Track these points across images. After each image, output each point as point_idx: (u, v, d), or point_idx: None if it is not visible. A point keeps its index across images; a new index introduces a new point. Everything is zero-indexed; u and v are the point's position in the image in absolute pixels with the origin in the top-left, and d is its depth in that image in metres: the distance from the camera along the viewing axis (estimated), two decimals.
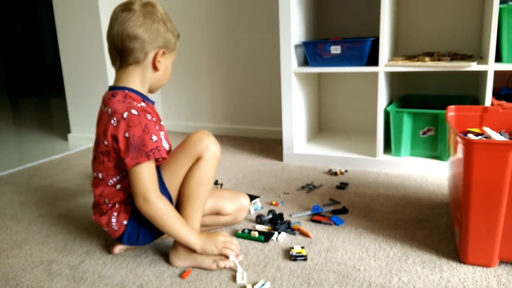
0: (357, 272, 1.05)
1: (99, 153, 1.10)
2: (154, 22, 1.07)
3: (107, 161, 1.08)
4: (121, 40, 1.05)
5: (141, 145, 1.02)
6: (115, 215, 1.11)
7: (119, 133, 1.02)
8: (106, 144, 1.06)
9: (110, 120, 1.04)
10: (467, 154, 0.98)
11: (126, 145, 1.02)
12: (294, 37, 1.88)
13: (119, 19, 1.05)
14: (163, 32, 1.08)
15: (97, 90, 2.39)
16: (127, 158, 1.02)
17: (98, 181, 1.13)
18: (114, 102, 1.06)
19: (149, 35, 1.06)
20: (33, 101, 4.66)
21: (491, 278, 1.00)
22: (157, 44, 1.08)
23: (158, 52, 1.09)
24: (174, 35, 1.12)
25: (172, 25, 1.12)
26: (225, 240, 1.09)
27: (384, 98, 1.80)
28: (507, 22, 1.56)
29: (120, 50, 1.07)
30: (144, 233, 1.12)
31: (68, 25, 2.38)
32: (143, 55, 1.07)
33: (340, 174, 1.77)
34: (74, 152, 2.36)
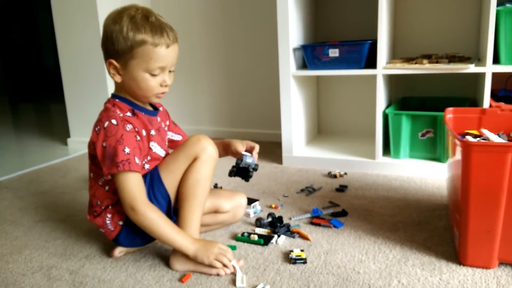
0: (357, 274, 1.05)
1: (89, 154, 1.14)
2: (105, 28, 1.04)
3: (93, 165, 1.13)
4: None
5: (113, 155, 1.02)
6: (109, 217, 1.13)
7: (99, 141, 1.05)
8: (92, 149, 1.10)
9: (95, 127, 1.08)
10: (465, 156, 0.98)
11: (102, 154, 1.04)
12: (293, 40, 1.88)
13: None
14: (110, 39, 1.02)
15: (97, 95, 2.40)
16: (104, 167, 1.04)
17: (90, 181, 1.16)
18: (104, 109, 1.10)
19: (103, 47, 1.06)
20: (32, 106, 4.66)
21: (491, 279, 1.00)
22: (107, 56, 1.06)
23: (107, 63, 1.06)
24: (128, 43, 1.01)
25: (131, 27, 1.00)
26: (219, 252, 1.07)
27: (383, 100, 1.81)
28: (505, 24, 1.56)
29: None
30: (142, 233, 1.11)
31: (68, 31, 2.38)
32: (107, 67, 1.07)
33: (339, 177, 1.77)
34: (74, 157, 2.36)
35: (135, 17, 1.02)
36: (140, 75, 1.04)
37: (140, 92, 1.08)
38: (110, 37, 1.02)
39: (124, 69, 1.05)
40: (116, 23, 1.01)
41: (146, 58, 1.02)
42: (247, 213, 1.42)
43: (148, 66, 1.03)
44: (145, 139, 1.11)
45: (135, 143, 1.06)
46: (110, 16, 1.05)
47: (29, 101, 5.03)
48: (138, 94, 1.09)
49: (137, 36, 1.01)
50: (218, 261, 1.06)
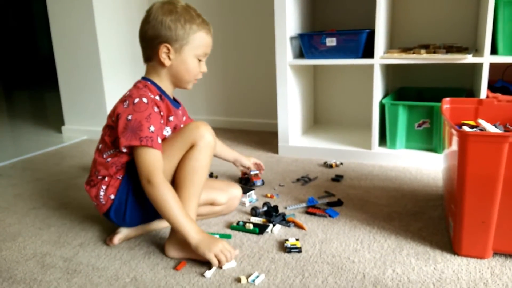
0: (352, 263, 1.05)
1: (105, 126, 1.17)
2: (158, 17, 1.11)
3: (108, 136, 1.14)
4: (139, 41, 1.17)
5: (138, 129, 1.06)
6: (103, 188, 1.14)
7: (124, 113, 1.09)
8: (113, 120, 1.12)
9: (123, 101, 1.12)
10: (462, 146, 0.98)
11: (125, 126, 1.08)
12: (290, 29, 1.87)
13: (142, 25, 1.16)
14: (166, 27, 1.11)
15: (91, 82, 2.37)
16: (122, 137, 1.07)
17: (96, 151, 1.19)
18: (134, 87, 1.16)
19: (152, 32, 1.12)
20: (27, 93, 4.62)
21: (485, 269, 1.00)
22: (160, 40, 1.12)
23: (160, 47, 1.12)
24: (189, 27, 1.12)
25: (189, 16, 1.13)
26: (222, 249, 1.04)
27: (380, 90, 1.80)
28: (503, 14, 1.55)
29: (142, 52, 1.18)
30: (132, 210, 1.14)
31: (62, 17, 2.35)
32: (151, 52, 1.15)
33: (335, 167, 1.77)
34: (68, 144, 2.35)
35: (187, 9, 1.14)
36: (190, 59, 1.15)
37: (186, 75, 1.17)
38: (166, 25, 1.11)
39: (176, 53, 1.14)
40: (171, 13, 1.12)
41: (198, 44, 1.15)
42: (242, 202, 1.41)
43: (198, 52, 1.16)
44: (164, 124, 1.15)
45: (160, 125, 1.11)
46: (161, 6, 1.13)
47: (24, 88, 4.98)
48: (184, 77, 1.18)
49: (194, 25, 1.13)
50: (217, 259, 1.03)
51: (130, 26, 2.52)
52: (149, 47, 1.15)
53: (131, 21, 2.52)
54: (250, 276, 1.01)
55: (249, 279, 1.00)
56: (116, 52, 2.42)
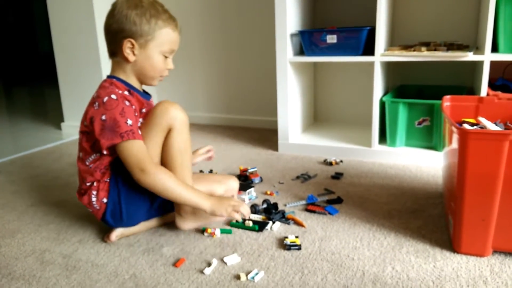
0: (351, 261, 1.05)
1: (80, 132, 1.16)
2: (123, 11, 1.09)
3: (85, 141, 1.13)
4: (104, 35, 1.14)
5: (115, 126, 1.05)
6: (94, 193, 1.13)
7: (97, 115, 1.07)
8: (86, 124, 1.11)
9: (93, 104, 1.10)
10: (462, 144, 0.97)
11: (101, 127, 1.06)
12: (290, 26, 1.86)
13: (107, 18, 1.13)
14: (131, 21, 1.08)
15: (91, 79, 2.37)
16: (102, 139, 1.06)
17: (78, 160, 1.17)
18: (100, 87, 1.13)
19: (116, 26, 1.10)
20: (26, 90, 4.62)
21: (484, 267, 1.00)
22: (124, 34, 1.09)
23: (124, 42, 1.09)
24: (151, 25, 1.09)
25: (155, 11, 1.10)
26: (235, 203, 1.11)
27: (380, 88, 1.79)
28: (504, 12, 1.55)
29: (108, 40, 1.15)
30: (127, 209, 1.13)
31: (61, 14, 2.34)
32: (115, 47, 1.12)
33: (335, 164, 1.76)
34: (67, 141, 2.34)
35: (153, 4, 1.12)
36: (156, 56, 1.13)
37: (151, 72, 1.15)
38: (131, 19, 1.08)
39: (141, 49, 1.11)
40: (137, 7, 1.09)
41: (164, 40, 1.12)
42: (242, 199, 1.41)
43: (164, 48, 1.13)
44: (138, 116, 1.14)
45: (135, 117, 1.10)
46: (127, 1, 1.10)
47: (23, 85, 4.97)
48: (148, 73, 1.15)
49: (160, 20, 1.10)
50: (236, 212, 1.10)
51: None
52: (113, 42, 1.12)
53: None
54: (249, 273, 1.01)
55: (248, 276, 0.99)
56: None
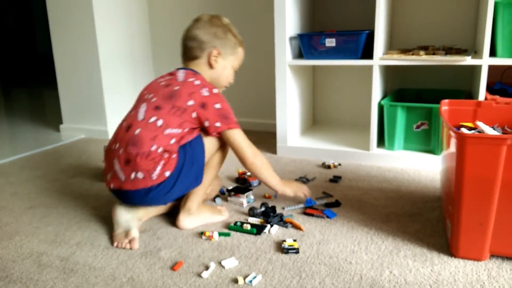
0: (349, 265, 1.05)
1: (171, 105, 1.20)
2: (213, 27, 1.30)
3: (177, 116, 1.19)
4: (184, 40, 1.32)
5: (228, 115, 1.24)
6: (161, 164, 1.16)
7: (211, 102, 1.22)
8: (190, 104, 1.20)
9: (199, 89, 1.22)
10: (460, 148, 0.98)
11: (216, 113, 1.22)
12: (289, 29, 1.87)
13: (189, 25, 1.33)
14: (219, 36, 1.30)
15: (90, 81, 2.37)
16: (217, 123, 1.22)
17: (153, 126, 1.18)
18: (201, 79, 1.27)
19: (207, 37, 1.29)
20: (25, 91, 4.61)
21: (482, 271, 1.00)
22: (213, 44, 1.29)
23: (213, 50, 1.29)
24: (234, 41, 1.33)
25: (234, 33, 1.34)
26: (300, 186, 1.39)
27: (378, 91, 1.80)
28: (502, 16, 1.56)
29: (184, 48, 1.33)
30: (178, 188, 1.19)
31: (61, 15, 2.34)
32: (201, 53, 1.30)
33: (333, 168, 1.77)
34: (66, 143, 2.34)
35: (231, 25, 1.35)
36: (229, 68, 1.35)
37: (223, 81, 1.36)
38: (219, 34, 1.30)
39: (223, 60, 1.32)
40: (221, 26, 1.32)
41: (238, 57, 1.36)
42: (240, 203, 1.41)
43: (235, 63, 1.36)
44: None
45: None
46: (210, 18, 1.32)
47: (22, 86, 4.97)
48: (221, 81, 1.36)
49: (237, 40, 1.35)
50: (300, 192, 1.37)
51: (129, 25, 2.51)
52: (199, 49, 1.30)
53: (130, 20, 2.52)
54: (247, 276, 1.01)
55: (246, 279, 0.99)
56: (115, 51, 2.42)
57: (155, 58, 2.72)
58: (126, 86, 2.51)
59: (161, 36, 2.66)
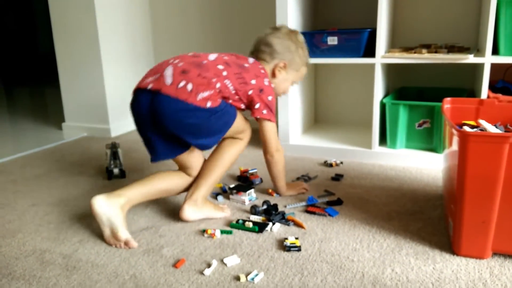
0: (351, 263, 1.05)
1: (239, 72, 1.28)
2: (289, 41, 1.38)
3: (238, 82, 1.27)
4: (258, 43, 1.41)
5: (273, 109, 1.34)
6: (211, 92, 1.19)
7: (266, 92, 1.31)
8: (252, 82, 1.29)
9: (263, 77, 1.33)
10: (462, 146, 0.98)
11: (267, 103, 1.31)
12: (291, 28, 1.86)
13: (267, 31, 1.42)
14: (291, 51, 1.38)
15: (92, 79, 2.37)
16: (263, 110, 1.31)
17: (218, 72, 1.24)
18: (266, 72, 1.36)
19: (280, 47, 1.37)
20: (27, 90, 4.62)
21: (484, 269, 1.00)
22: (283, 57, 1.38)
23: (280, 62, 1.38)
24: (302, 60, 1.41)
25: (304, 52, 1.41)
26: (302, 187, 1.49)
27: (380, 90, 1.79)
28: (505, 14, 1.55)
29: (255, 49, 1.42)
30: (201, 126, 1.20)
31: (62, 14, 2.35)
32: (270, 59, 1.38)
33: (335, 166, 1.77)
34: (68, 141, 2.35)
35: (304, 44, 1.43)
36: (288, 82, 1.44)
37: (280, 90, 1.44)
38: (292, 49, 1.39)
39: (286, 73, 1.41)
40: (299, 42, 1.41)
41: (300, 75, 1.45)
42: (242, 201, 1.41)
43: (296, 79, 1.46)
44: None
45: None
46: (289, 33, 1.41)
47: (24, 85, 4.98)
48: (278, 90, 1.44)
49: (306, 59, 1.43)
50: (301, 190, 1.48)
51: (131, 23, 2.52)
52: (269, 55, 1.38)
53: (133, 18, 2.52)
54: (249, 274, 1.01)
55: (248, 277, 1.00)
56: (117, 49, 2.42)
57: (157, 56, 2.72)
58: (128, 85, 2.50)
59: (162, 34, 2.66)
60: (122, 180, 1.68)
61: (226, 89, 1.23)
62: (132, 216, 1.35)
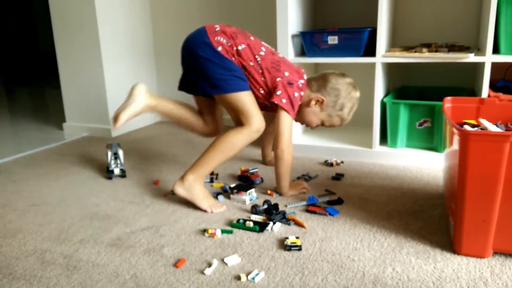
0: (351, 262, 1.05)
1: (278, 59, 1.45)
2: (342, 88, 1.45)
3: (271, 62, 1.42)
4: (320, 74, 1.51)
5: (294, 106, 1.40)
6: (228, 44, 1.38)
7: (293, 88, 1.40)
8: (285, 73, 1.41)
9: (298, 79, 1.44)
10: (463, 145, 0.97)
11: (290, 98, 1.39)
12: (291, 27, 1.86)
13: (335, 71, 1.51)
14: (338, 97, 1.45)
15: (93, 79, 2.37)
16: (285, 100, 1.38)
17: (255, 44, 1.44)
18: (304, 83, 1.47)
19: (331, 89, 1.46)
20: (28, 90, 4.63)
21: (485, 268, 1.00)
22: (327, 97, 1.45)
23: (318, 97, 1.45)
24: (340, 110, 1.47)
25: (348, 107, 1.47)
26: (302, 186, 1.48)
27: (381, 89, 1.79)
28: (505, 13, 1.55)
29: (313, 76, 1.52)
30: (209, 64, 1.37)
31: (63, 13, 2.35)
32: (316, 89, 1.47)
33: (335, 165, 1.77)
34: (69, 141, 2.35)
35: (354, 97, 1.49)
36: (317, 118, 1.50)
37: (306, 118, 1.51)
38: (341, 97, 1.46)
39: (318, 110, 1.48)
40: (350, 95, 1.47)
41: (330, 120, 1.51)
42: (243, 200, 1.41)
43: (325, 121, 1.51)
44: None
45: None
46: (353, 86, 1.49)
47: (25, 85, 4.98)
48: (303, 118, 1.51)
49: (346, 116, 1.50)
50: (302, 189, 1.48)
51: (132, 23, 2.52)
52: (318, 87, 1.47)
53: (133, 18, 2.52)
54: (250, 273, 1.01)
55: (249, 276, 1.00)
56: (118, 49, 2.42)
57: (158, 56, 2.72)
58: (129, 84, 2.50)
59: (163, 34, 2.66)
60: (123, 180, 1.68)
61: (250, 59, 1.38)
62: (133, 216, 1.35)
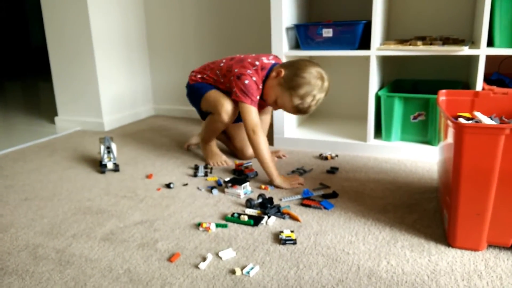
0: (346, 255, 1.05)
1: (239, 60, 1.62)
2: (310, 72, 1.47)
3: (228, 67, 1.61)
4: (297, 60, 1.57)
5: (250, 92, 1.52)
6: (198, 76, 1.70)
7: (243, 78, 1.52)
8: (236, 71, 1.56)
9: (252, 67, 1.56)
10: (457, 138, 0.97)
11: (240, 88, 1.52)
12: (286, 20, 1.85)
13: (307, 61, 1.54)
14: (301, 77, 1.46)
15: (85, 73, 2.35)
16: (240, 93, 1.52)
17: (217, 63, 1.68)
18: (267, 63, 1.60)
19: (297, 67, 1.49)
20: (19, 84, 4.57)
21: (479, 261, 1.00)
22: (287, 71, 1.50)
23: (278, 70, 1.51)
24: (291, 86, 1.47)
25: (303, 87, 1.46)
26: (297, 181, 1.48)
27: (376, 82, 1.79)
28: (500, 6, 1.55)
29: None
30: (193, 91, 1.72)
31: (54, 6, 2.31)
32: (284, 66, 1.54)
33: (330, 159, 1.76)
34: (61, 135, 2.33)
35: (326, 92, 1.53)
36: (273, 93, 1.54)
37: (267, 96, 1.57)
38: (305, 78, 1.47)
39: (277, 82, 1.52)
40: (316, 82, 1.48)
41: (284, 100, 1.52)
42: (237, 194, 1.41)
43: (280, 99, 1.53)
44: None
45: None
46: (323, 75, 1.50)
47: (16, 78, 4.93)
48: (265, 95, 1.57)
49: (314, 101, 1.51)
50: (295, 183, 1.48)
51: (124, 16, 2.49)
52: (288, 64, 1.54)
53: (125, 11, 2.49)
54: (244, 267, 1.01)
55: (243, 270, 0.99)
56: (110, 42, 2.40)
57: (151, 50, 2.69)
58: (122, 78, 2.49)
59: (156, 28, 2.64)
60: (116, 174, 1.67)
61: (213, 76, 1.65)
62: (126, 210, 1.34)
